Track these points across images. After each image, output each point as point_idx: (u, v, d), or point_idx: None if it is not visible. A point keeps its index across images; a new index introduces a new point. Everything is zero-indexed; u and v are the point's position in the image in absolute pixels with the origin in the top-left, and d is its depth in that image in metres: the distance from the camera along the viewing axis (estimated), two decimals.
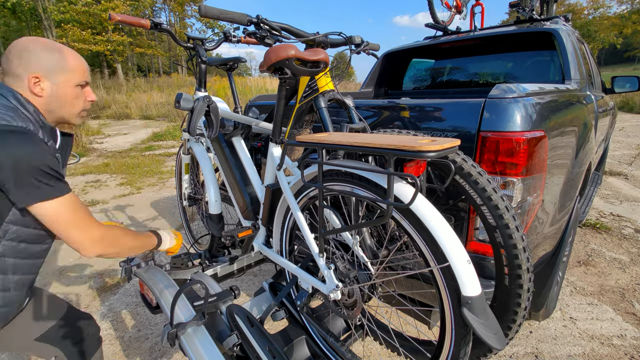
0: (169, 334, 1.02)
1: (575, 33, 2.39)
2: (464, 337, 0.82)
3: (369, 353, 1.67)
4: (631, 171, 4.75)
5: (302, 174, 0.98)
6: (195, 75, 1.80)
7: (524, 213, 1.12)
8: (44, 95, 0.95)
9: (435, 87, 2.91)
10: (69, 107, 1.01)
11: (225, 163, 1.64)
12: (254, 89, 14.76)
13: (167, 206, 3.83)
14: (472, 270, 0.77)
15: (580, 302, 2.03)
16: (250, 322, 1.14)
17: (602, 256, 2.54)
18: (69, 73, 0.97)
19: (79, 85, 1.01)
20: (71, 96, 0.99)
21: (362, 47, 1.38)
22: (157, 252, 1.48)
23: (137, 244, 1.14)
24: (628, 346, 1.68)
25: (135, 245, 1.14)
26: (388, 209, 0.76)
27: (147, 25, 1.49)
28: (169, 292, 1.24)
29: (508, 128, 1.03)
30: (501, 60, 2.62)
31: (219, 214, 1.74)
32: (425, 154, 0.70)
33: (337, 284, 1.01)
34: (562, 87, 1.57)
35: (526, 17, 2.58)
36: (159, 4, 25.82)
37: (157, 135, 8.47)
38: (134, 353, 1.72)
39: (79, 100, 1.02)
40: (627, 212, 3.33)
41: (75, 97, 1.01)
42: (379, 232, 1.14)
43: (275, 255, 1.35)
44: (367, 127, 1.13)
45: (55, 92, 0.96)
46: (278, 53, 0.97)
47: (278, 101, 1.20)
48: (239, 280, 2.36)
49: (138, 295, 2.19)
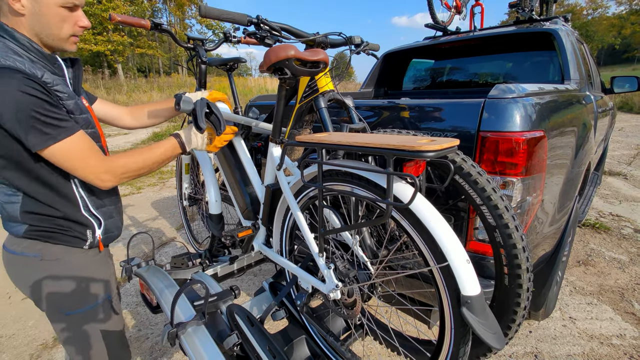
0: (169, 334, 1.02)
1: (574, 33, 2.39)
2: (463, 337, 0.82)
3: (369, 353, 1.68)
4: (630, 171, 4.75)
5: (302, 174, 0.98)
6: (195, 76, 1.80)
7: (524, 213, 1.12)
8: (25, 13, 0.85)
9: (435, 88, 2.92)
10: (55, 30, 0.90)
11: (225, 163, 1.65)
12: (254, 89, 14.76)
13: (168, 206, 3.83)
14: (471, 269, 0.77)
15: (580, 301, 2.03)
16: (250, 322, 1.15)
17: (601, 256, 2.54)
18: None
19: (65, 7, 0.90)
20: (56, 18, 0.89)
21: (362, 48, 1.38)
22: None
23: (152, 156, 1.02)
24: (627, 346, 1.68)
25: (151, 157, 1.01)
26: (387, 209, 0.76)
27: (148, 26, 1.50)
28: (169, 292, 1.24)
29: (507, 128, 1.04)
30: (501, 60, 2.62)
31: (219, 214, 1.75)
32: (424, 154, 0.70)
33: (336, 284, 1.01)
34: (561, 87, 1.57)
35: (526, 17, 2.59)
36: (159, 3, 25.81)
37: (158, 135, 8.47)
38: (135, 353, 1.72)
39: (66, 23, 0.92)
40: (626, 212, 3.33)
41: (61, 19, 0.90)
42: (379, 232, 1.14)
43: (275, 255, 1.35)
44: (367, 127, 1.13)
45: (38, 10, 0.86)
46: (278, 53, 0.97)
47: (278, 101, 1.20)
48: (239, 280, 2.36)
49: (138, 295, 2.19)
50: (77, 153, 0.87)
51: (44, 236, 0.95)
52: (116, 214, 1.12)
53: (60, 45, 0.95)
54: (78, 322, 1.02)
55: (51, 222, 0.95)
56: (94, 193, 1.02)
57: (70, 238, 0.98)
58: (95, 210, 1.02)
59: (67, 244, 0.98)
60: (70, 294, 0.99)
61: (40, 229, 0.94)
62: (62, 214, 0.95)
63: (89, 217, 1.01)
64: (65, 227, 0.97)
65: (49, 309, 1.00)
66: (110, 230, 1.08)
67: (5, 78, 0.78)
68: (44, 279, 0.97)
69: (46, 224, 0.94)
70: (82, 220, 0.99)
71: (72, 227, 0.98)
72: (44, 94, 0.82)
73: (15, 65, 0.79)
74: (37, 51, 0.89)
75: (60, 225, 0.96)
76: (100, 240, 1.04)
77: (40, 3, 0.86)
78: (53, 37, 0.92)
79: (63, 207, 0.95)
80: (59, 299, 0.98)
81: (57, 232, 0.96)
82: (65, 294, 0.99)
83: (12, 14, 0.85)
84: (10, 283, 1.01)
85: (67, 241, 0.98)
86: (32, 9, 0.86)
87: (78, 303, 1.01)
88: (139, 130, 9.44)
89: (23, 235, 0.93)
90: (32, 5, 0.86)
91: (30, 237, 0.94)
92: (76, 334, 1.03)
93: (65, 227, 0.97)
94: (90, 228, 1.01)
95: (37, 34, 0.90)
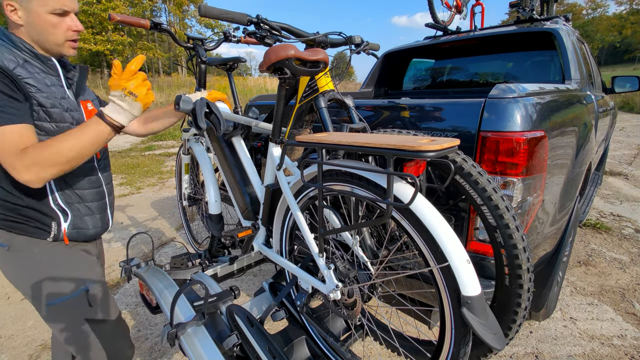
0: (168, 334, 1.02)
1: (575, 33, 2.39)
2: (463, 337, 0.82)
3: (369, 353, 1.67)
4: (631, 171, 4.74)
5: (301, 174, 0.98)
6: (195, 75, 1.80)
7: (524, 213, 1.12)
8: (22, 23, 0.94)
9: (435, 87, 2.91)
10: (50, 37, 0.97)
11: (225, 163, 1.64)
12: (253, 89, 14.76)
13: (167, 206, 3.83)
14: (471, 270, 0.77)
15: (581, 302, 2.03)
16: (250, 322, 1.14)
17: (602, 256, 2.53)
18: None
19: (54, 13, 0.95)
20: (47, 24, 0.95)
21: (362, 47, 1.38)
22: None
23: (73, 141, 0.87)
24: (628, 346, 1.68)
25: (73, 142, 0.87)
26: (388, 209, 0.76)
27: (147, 26, 1.49)
28: (169, 292, 1.24)
29: (508, 128, 1.03)
30: (501, 60, 2.62)
31: (219, 214, 1.74)
32: (424, 154, 0.70)
33: (336, 284, 1.00)
34: (562, 87, 1.57)
35: (526, 17, 2.58)
36: (159, 3, 25.82)
37: (157, 135, 8.48)
38: (134, 353, 1.72)
39: (57, 29, 0.97)
40: (627, 212, 3.33)
41: (51, 25, 0.96)
42: (379, 232, 1.13)
43: (275, 255, 1.34)
44: (367, 127, 1.13)
45: (31, 20, 0.94)
46: (278, 53, 0.97)
47: (278, 101, 1.20)
48: (239, 281, 2.36)
49: (138, 296, 2.19)
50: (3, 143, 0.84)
51: (9, 226, 0.98)
52: (97, 211, 1.12)
53: (58, 50, 1.00)
54: (59, 313, 1.05)
55: (16, 212, 0.97)
56: (68, 187, 1.04)
57: (33, 229, 0.99)
58: (65, 204, 1.03)
59: (30, 234, 0.99)
60: (43, 285, 1.01)
61: (6, 218, 0.97)
62: (25, 204, 0.97)
63: (55, 209, 1.02)
64: (29, 217, 0.98)
65: (31, 299, 1.03)
66: (80, 226, 1.08)
67: None
68: (15, 269, 1.01)
69: (11, 213, 0.97)
70: (46, 212, 1.00)
71: (35, 217, 0.99)
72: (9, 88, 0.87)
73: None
74: (30, 51, 0.96)
75: (24, 215, 0.98)
76: (65, 234, 1.04)
77: (30, 12, 0.93)
78: (49, 43, 0.98)
79: (27, 197, 0.97)
80: (33, 289, 1.01)
81: (20, 223, 0.98)
82: (37, 285, 1.01)
83: (14, 25, 0.95)
84: (9, 283, 1.01)
85: (30, 232, 0.99)
86: (26, 19, 0.94)
87: (54, 295, 1.02)
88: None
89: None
90: (26, 15, 0.94)
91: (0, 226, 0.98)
92: (60, 325, 1.06)
93: (28, 217, 0.98)
94: (55, 220, 1.02)
95: (36, 41, 0.98)
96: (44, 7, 0.94)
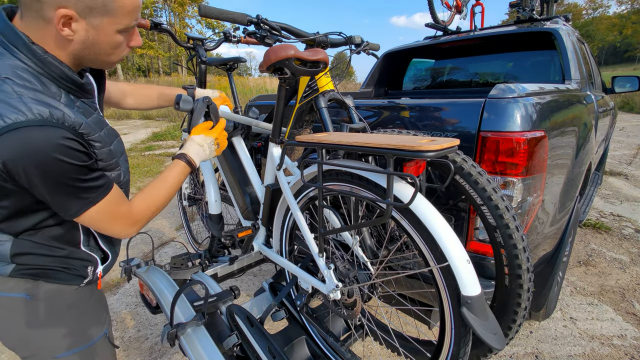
0: (168, 334, 1.02)
1: (575, 33, 2.39)
2: (463, 337, 0.82)
3: (369, 353, 1.67)
4: (631, 171, 4.74)
5: (301, 174, 0.98)
6: (195, 76, 1.80)
7: (524, 213, 1.12)
8: (74, 39, 0.68)
9: (435, 87, 2.91)
10: (105, 57, 0.75)
11: (225, 163, 1.64)
12: (253, 89, 14.77)
13: (167, 206, 3.83)
14: (471, 270, 0.77)
15: (581, 302, 2.03)
16: (250, 322, 1.15)
17: (602, 256, 2.53)
18: (115, 14, 0.69)
19: (123, 32, 0.73)
20: (110, 45, 0.73)
21: (362, 47, 1.38)
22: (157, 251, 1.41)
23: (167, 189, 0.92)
24: (628, 346, 1.68)
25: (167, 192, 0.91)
26: (388, 209, 0.76)
27: (147, 26, 1.49)
28: (169, 292, 1.24)
29: (508, 128, 1.03)
30: (501, 60, 2.62)
31: (219, 214, 1.74)
32: (424, 154, 0.70)
33: (336, 284, 1.01)
34: (562, 87, 1.57)
35: (526, 17, 2.58)
36: (159, 4, 25.83)
37: (157, 135, 8.48)
38: (134, 353, 1.72)
39: (118, 49, 0.75)
40: (627, 212, 3.33)
41: (115, 46, 0.74)
42: (379, 232, 1.13)
43: (275, 255, 1.35)
44: (367, 127, 1.13)
45: (92, 38, 0.70)
46: (278, 53, 0.97)
47: (278, 101, 1.20)
48: (239, 281, 2.36)
49: (138, 296, 2.19)
50: (108, 213, 0.77)
51: (35, 274, 0.81)
52: (117, 242, 1.01)
53: (99, 67, 0.81)
54: (89, 357, 0.92)
55: (47, 260, 0.81)
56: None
57: (68, 276, 0.85)
58: (106, 245, 0.92)
59: (62, 281, 0.84)
60: (64, 335, 0.87)
61: (32, 268, 0.80)
62: (65, 254, 0.83)
63: (93, 254, 0.89)
64: (66, 265, 0.84)
65: (37, 354, 0.85)
66: (111, 262, 0.98)
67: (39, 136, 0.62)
68: (32, 321, 0.83)
69: (40, 262, 0.81)
70: (85, 257, 0.87)
71: (74, 264, 0.85)
72: (83, 155, 0.69)
73: (55, 118, 0.64)
74: (69, 80, 0.71)
75: (60, 264, 0.83)
76: (100, 277, 0.92)
77: (97, 29, 0.69)
78: (99, 63, 0.77)
79: (69, 246, 0.84)
80: (50, 341, 0.85)
81: (54, 270, 0.83)
82: (57, 336, 0.86)
83: (56, 40, 0.68)
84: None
85: (63, 279, 0.84)
86: (84, 36, 0.69)
87: (73, 343, 0.88)
88: (138, 130, 9.45)
89: (9, 275, 0.78)
90: (86, 32, 0.68)
91: (18, 276, 0.79)
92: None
93: (65, 265, 0.84)
94: (92, 264, 0.89)
95: (77, 60, 0.74)
96: (116, 26, 0.70)
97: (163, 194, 0.90)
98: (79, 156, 0.68)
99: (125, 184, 0.87)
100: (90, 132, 0.72)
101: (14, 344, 0.85)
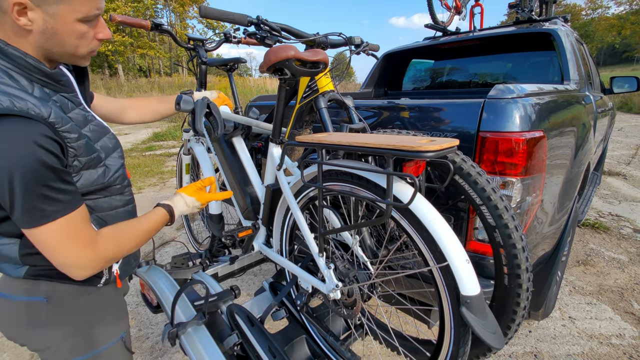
0: (169, 334, 1.02)
1: (574, 34, 2.40)
2: (463, 336, 0.82)
3: (368, 352, 1.68)
4: (630, 171, 4.75)
5: (302, 174, 0.98)
6: (195, 76, 1.80)
7: (523, 213, 1.12)
8: (33, 29, 0.66)
9: (434, 88, 2.92)
10: (71, 49, 0.72)
11: (226, 163, 1.65)
12: (254, 90, 14.77)
13: None
14: (471, 269, 0.77)
15: (579, 301, 2.03)
16: (250, 322, 1.15)
17: (601, 256, 2.54)
18: (71, 2, 0.67)
19: (85, 21, 0.70)
20: (73, 35, 0.70)
21: (362, 48, 1.39)
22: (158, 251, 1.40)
23: (140, 234, 0.86)
24: (627, 345, 1.68)
25: (140, 235, 0.86)
26: (387, 209, 0.76)
27: (148, 26, 1.50)
28: (170, 292, 1.24)
29: (507, 128, 1.04)
30: (500, 60, 2.63)
31: (219, 214, 1.75)
32: (423, 154, 0.70)
33: (336, 284, 1.01)
34: (561, 87, 1.57)
35: (525, 17, 2.59)
36: (159, 4, 25.82)
37: (158, 135, 8.48)
38: (135, 352, 1.73)
39: (83, 40, 0.72)
40: (625, 212, 3.34)
41: (78, 36, 0.71)
42: (379, 232, 1.14)
43: (275, 255, 1.35)
44: (366, 128, 1.14)
45: (51, 27, 0.67)
46: (278, 54, 0.98)
47: (278, 102, 1.20)
48: (239, 280, 2.36)
49: (139, 295, 2.19)
50: (67, 234, 0.69)
51: (48, 275, 0.78)
52: None
53: (72, 62, 0.77)
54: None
55: None
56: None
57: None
58: None
59: (78, 283, 0.81)
60: (82, 337, 0.85)
61: (44, 268, 0.77)
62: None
63: None
64: None
65: (56, 356, 0.84)
66: (129, 262, 0.95)
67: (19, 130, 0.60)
68: (50, 324, 0.81)
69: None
70: None
71: None
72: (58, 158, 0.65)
73: (16, 107, 0.61)
74: (40, 72, 0.70)
75: None
76: (117, 275, 0.90)
77: (55, 18, 0.66)
78: (66, 57, 0.74)
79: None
80: (69, 343, 0.84)
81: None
82: (76, 338, 0.84)
83: (15, 31, 0.66)
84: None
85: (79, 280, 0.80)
86: (42, 25, 0.66)
87: (90, 346, 0.86)
88: (139, 131, 9.44)
89: (24, 277, 0.77)
90: (44, 21, 0.66)
91: (32, 278, 0.77)
92: None
93: None
94: None
95: (46, 53, 0.71)
96: (75, 14, 0.68)
97: (135, 235, 0.84)
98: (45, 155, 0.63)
99: (112, 182, 0.83)
100: (62, 123, 0.68)
101: (38, 347, 0.83)
